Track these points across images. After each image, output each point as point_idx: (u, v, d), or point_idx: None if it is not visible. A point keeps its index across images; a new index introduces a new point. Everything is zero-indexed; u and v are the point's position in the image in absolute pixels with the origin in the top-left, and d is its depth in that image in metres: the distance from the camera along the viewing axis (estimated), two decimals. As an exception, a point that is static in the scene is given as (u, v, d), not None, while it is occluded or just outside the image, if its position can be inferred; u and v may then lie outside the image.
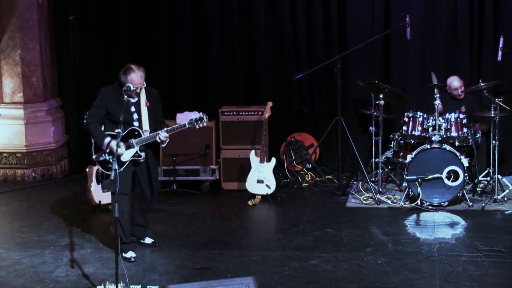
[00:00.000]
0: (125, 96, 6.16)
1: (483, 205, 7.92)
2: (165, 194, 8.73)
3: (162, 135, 6.33)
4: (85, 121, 6.59)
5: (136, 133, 6.39)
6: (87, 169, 8.22)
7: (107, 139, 6.32)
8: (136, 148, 6.38)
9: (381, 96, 8.36)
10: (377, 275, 6.06)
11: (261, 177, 8.33)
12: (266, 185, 8.30)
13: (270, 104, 8.55)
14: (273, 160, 8.48)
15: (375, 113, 8.49)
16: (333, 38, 9.50)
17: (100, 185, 8.05)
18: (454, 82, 8.59)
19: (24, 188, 9.25)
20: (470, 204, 7.94)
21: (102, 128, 6.45)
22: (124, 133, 6.27)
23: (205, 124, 6.36)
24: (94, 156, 6.53)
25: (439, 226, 7.43)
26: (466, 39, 9.13)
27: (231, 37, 9.74)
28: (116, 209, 5.44)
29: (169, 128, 6.39)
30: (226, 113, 8.96)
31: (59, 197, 8.82)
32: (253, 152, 8.48)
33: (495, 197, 8.03)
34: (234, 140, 8.89)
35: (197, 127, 6.35)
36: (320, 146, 9.31)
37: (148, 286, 5.72)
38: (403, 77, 9.37)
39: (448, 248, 6.69)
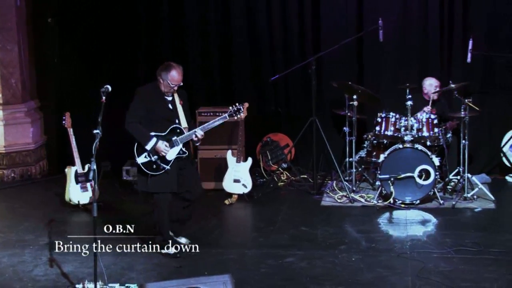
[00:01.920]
0: (103, 98, 5.99)
1: (454, 203, 7.97)
2: (142, 194, 8.69)
3: (199, 133, 6.39)
4: (128, 121, 6.39)
5: (178, 130, 6.38)
6: (66, 170, 8.16)
7: (153, 141, 6.27)
8: (180, 146, 6.37)
9: (354, 97, 8.39)
10: (351, 272, 6.09)
11: (237, 177, 8.32)
12: (243, 184, 8.30)
13: (246, 105, 8.51)
14: (250, 160, 8.47)
15: (349, 114, 8.51)
16: (308, 41, 9.52)
17: (79, 185, 8.04)
18: (433, 82, 8.64)
19: (3, 188, 9.15)
20: (441, 202, 7.99)
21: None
22: (167, 131, 6.31)
23: (241, 115, 6.57)
24: (137, 159, 6.37)
25: (411, 224, 7.47)
26: (437, 42, 9.20)
27: (208, 40, 9.72)
28: (95, 208, 5.39)
29: (210, 122, 6.47)
30: (203, 114, 8.94)
31: (38, 197, 8.75)
32: (229, 152, 8.48)
33: (465, 195, 8.08)
34: (211, 140, 8.85)
35: (236, 118, 6.55)
36: (296, 146, 9.32)
37: (126, 284, 5.70)
38: (376, 79, 9.41)
39: (419, 245, 6.73)
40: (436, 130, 8.22)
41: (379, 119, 8.41)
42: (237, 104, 6.52)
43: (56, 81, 9.97)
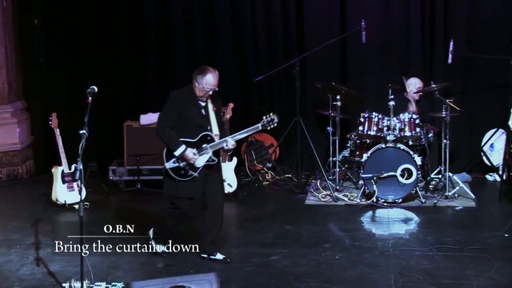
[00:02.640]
0: (89, 98, 5.90)
1: (435, 201, 8.01)
2: (129, 193, 8.68)
3: (230, 142, 6.09)
4: (159, 125, 6.19)
5: (208, 138, 6.12)
6: (53, 170, 8.12)
7: (182, 148, 6.04)
8: (210, 154, 6.12)
9: (338, 97, 8.40)
10: (335, 270, 6.09)
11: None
12: (228, 183, 8.28)
13: (231, 105, 8.54)
14: (235, 159, 8.46)
15: (332, 114, 8.53)
16: (292, 42, 9.53)
17: (66, 185, 8.00)
18: (418, 82, 8.68)
19: (-10, 188, 9.11)
20: (423, 200, 8.02)
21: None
22: (197, 138, 6.09)
23: (275, 125, 6.18)
24: (166, 164, 6.18)
25: (393, 222, 7.50)
26: (419, 43, 9.24)
27: (193, 41, 9.70)
28: (81, 208, 5.36)
29: (241, 132, 6.16)
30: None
31: (25, 197, 8.69)
32: (214, 151, 8.46)
33: (447, 193, 8.12)
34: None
35: (269, 128, 6.19)
36: (280, 145, 9.33)
37: (112, 283, 5.67)
38: (359, 79, 9.44)
39: (402, 243, 6.76)
40: (418, 130, 8.25)
41: (362, 119, 8.43)
42: (270, 114, 6.17)
43: (42, 82, 9.91)
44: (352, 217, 7.65)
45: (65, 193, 7.99)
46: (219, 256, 6.32)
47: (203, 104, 6.19)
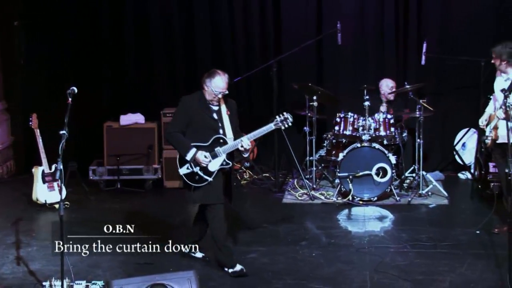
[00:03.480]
0: (70, 99, 5.79)
1: (409, 199, 8.05)
2: (109, 193, 8.63)
3: (245, 142, 5.88)
4: (168, 131, 5.98)
5: (221, 141, 5.91)
6: (33, 169, 8.06)
7: (193, 151, 5.84)
8: (224, 157, 5.90)
9: (314, 97, 8.43)
10: (312, 267, 6.11)
11: (202, 176, 8.28)
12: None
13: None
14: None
15: (309, 114, 8.55)
16: (269, 43, 9.54)
17: (46, 185, 7.94)
18: (389, 82, 8.72)
19: (-30, 188, 9.02)
20: (398, 198, 8.06)
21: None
22: (209, 142, 5.89)
23: (290, 124, 5.89)
24: (179, 170, 5.95)
25: (369, 220, 7.54)
26: (393, 45, 9.29)
27: (173, 42, 9.66)
28: (61, 207, 5.32)
29: (255, 132, 5.93)
30: (168, 115, 8.89)
31: (5, 197, 8.61)
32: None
33: (420, 192, 8.17)
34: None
35: (283, 127, 5.92)
36: (258, 145, 9.33)
37: (93, 281, 5.64)
38: (335, 80, 9.46)
39: (377, 240, 6.79)
40: (392, 129, 8.29)
41: (338, 119, 8.45)
42: (284, 113, 5.89)
43: (22, 83, 9.81)
44: (328, 215, 7.67)
45: (46, 192, 7.94)
46: (198, 254, 6.28)
47: (215, 108, 5.98)
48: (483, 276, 5.84)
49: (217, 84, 5.88)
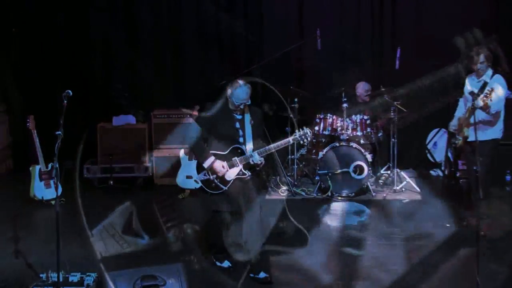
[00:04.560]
0: (65, 101, 5.72)
1: (385, 195, 8.10)
2: (102, 190, 8.61)
3: (256, 158, 5.66)
4: (190, 135, 5.77)
5: (239, 151, 5.73)
6: (30, 168, 8.02)
7: (210, 159, 5.68)
8: (240, 166, 5.71)
9: (295, 100, 8.45)
10: (293, 260, 6.12)
11: (189, 173, 8.28)
12: (195, 180, 8.25)
13: (197, 107, 8.51)
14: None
15: (290, 115, 8.56)
16: (253, 48, 9.56)
17: (43, 182, 7.90)
18: (365, 85, 8.76)
19: (-30, 186, 8.96)
20: (373, 194, 8.10)
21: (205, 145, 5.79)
22: (227, 151, 5.71)
23: (309, 139, 5.74)
24: (197, 176, 5.81)
25: (347, 215, 7.56)
26: (369, 50, 9.34)
27: (162, 47, 9.67)
28: (57, 204, 5.29)
29: (274, 144, 5.70)
30: (158, 116, 8.90)
31: (4, 194, 8.56)
32: (182, 150, 8.43)
33: (395, 188, 8.21)
34: (165, 140, 8.83)
35: (302, 142, 5.76)
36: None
37: (87, 273, 5.62)
38: (315, 83, 9.48)
39: (355, 234, 6.81)
40: (368, 129, 8.33)
41: (318, 120, 8.48)
42: (304, 127, 5.74)
43: (20, 86, 9.76)
44: (309, 210, 7.69)
45: (42, 190, 7.91)
46: (225, 264, 5.98)
47: (238, 117, 5.79)
48: (453, 267, 5.89)
49: (238, 95, 5.68)
